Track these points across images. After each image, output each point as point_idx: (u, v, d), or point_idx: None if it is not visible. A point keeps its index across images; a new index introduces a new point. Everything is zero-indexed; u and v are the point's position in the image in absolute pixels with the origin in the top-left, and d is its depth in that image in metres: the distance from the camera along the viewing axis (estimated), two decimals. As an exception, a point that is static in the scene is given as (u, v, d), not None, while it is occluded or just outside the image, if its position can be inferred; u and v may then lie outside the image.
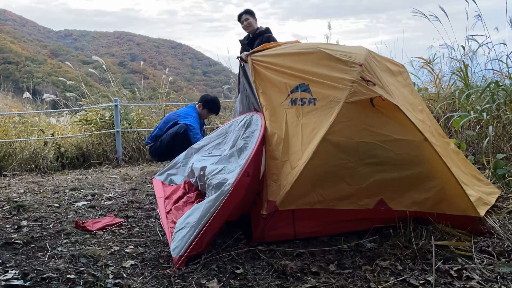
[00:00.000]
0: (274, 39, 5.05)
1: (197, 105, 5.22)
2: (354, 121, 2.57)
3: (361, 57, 2.80)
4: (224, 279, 2.12)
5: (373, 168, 2.53)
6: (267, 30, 5.32)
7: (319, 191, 2.47)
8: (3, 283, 2.07)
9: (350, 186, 2.50)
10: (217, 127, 4.72)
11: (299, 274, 2.14)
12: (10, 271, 2.21)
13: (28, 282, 2.09)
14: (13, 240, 2.66)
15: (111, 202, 3.70)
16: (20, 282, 2.09)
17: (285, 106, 2.86)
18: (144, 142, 6.16)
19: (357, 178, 2.51)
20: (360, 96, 2.58)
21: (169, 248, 2.50)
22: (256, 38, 5.24)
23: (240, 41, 5.59)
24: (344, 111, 2.55)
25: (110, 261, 2.35)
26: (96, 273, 2.17)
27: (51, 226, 2.99)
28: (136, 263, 2.34)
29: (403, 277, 2.10)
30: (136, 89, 7.96)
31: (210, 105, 5.16)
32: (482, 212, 2.64)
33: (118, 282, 2.10)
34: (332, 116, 2.54)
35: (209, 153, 3.44)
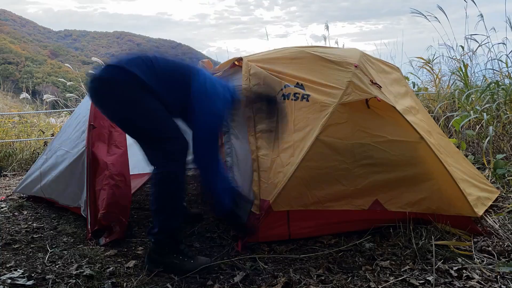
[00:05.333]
0: None
1: None
2: (349, 122, 2.56)
3: (355, 59, 2.80)
4: (225, 281, 2.13)
5: (368, 169, 2.53)
6: None
7: (314, 193, 2.46)
8: (3, 284, 2.07)
9: (345, 187, 2.50)
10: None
11: (299, 276, 2.14)
12: (10, 271, 2.21)
13: (28, 283, 2.09)
14: (13, 240, 2.67)
15: (111, 202, 3.69)
16: (19, 282, 2.09)
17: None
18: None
19: (352, 179, 2.51)
20: (355, 98, 2.57)
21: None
22: None
23: None
24: (338, 112, 2.54)
25: (110, 262, 2.35)
26: (96, 274, 2.17)
27: (51, 226, 2.99)
28: (136, 263, 2.34)
29: (403, 277, 2.09)
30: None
31: None
32: (480, 212, 2.64)
33: (118, 282, 2.10)
34: (325, 117, 2.53)
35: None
